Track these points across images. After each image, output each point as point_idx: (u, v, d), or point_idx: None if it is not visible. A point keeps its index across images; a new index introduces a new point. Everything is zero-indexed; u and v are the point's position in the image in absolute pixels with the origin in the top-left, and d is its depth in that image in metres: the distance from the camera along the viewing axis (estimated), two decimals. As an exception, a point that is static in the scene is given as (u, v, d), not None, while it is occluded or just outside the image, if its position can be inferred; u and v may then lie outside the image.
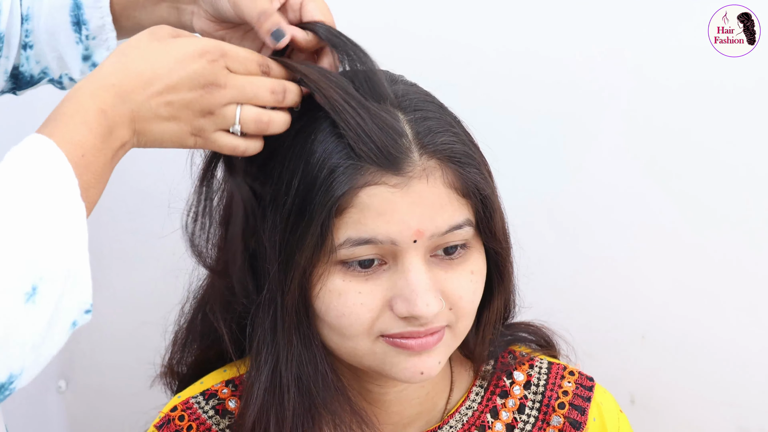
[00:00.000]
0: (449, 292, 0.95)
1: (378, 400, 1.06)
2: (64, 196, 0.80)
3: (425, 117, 0.95)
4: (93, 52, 1.09)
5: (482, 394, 1.09)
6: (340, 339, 0.97)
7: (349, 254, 0.93)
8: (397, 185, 0.92)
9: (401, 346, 0.95)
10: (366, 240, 0.92)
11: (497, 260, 1.01)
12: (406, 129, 0.94)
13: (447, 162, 0.94)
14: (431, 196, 0.93)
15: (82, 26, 1.08)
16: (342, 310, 0.94)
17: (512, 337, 1.12)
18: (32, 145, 0.81)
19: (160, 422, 1.07)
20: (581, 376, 1.11)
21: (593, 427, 1.08)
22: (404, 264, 0.93)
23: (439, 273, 0.95)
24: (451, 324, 0.97)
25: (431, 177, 0.93)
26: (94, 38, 1.09)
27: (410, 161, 0.92)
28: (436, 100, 1.01)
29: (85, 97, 0.85)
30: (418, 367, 0.96)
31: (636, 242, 1.47)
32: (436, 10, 1.46)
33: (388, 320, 0.94)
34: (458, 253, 0.96)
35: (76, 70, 1.11)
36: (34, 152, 0.81)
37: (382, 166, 0.92)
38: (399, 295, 0.93)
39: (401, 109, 0.95)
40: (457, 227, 0.94)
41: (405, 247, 0.93)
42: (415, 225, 0.92)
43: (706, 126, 1.41)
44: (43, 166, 0.80)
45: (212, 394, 1.08)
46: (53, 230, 0.79)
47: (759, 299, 1.44)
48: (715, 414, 1.48)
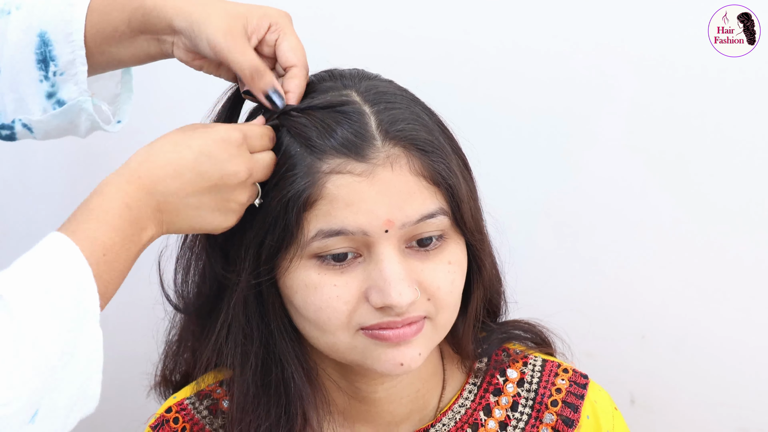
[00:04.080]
0: (426, 282, 0.96)
1: (368, 399, 1.06)
2: (82, 323, 0.81)
3: (390, 107, 0.97)
4: (59, 88, 1.06)
5: (475, 392, 1.10)
6: (319, 334, 0.97)
7: (322, 246, 0.94)
8: (362, 173, 0.93)
9: (379, 338, 0.96)
10: (336, 231, 0.93)
11: (472, 252, 1.02)
12: (370, 119, 0.96)
13: (411, 149, 0.95)
14: (398, 185, 0.94)
15: (49, 63, 1.04)
16: (319, 304, 0.95)
17: (506, 335, 1.12)
18: (53, 249, 0.82)
19: (156, 423, 1.09)
20: (575, 373, 1.11)
21: (587, 424, 1.07)
22: (377, 254, 0.94)
23: (415, 264, 0.96)
24: (430, 316, 0.97)
25: (396, 164, 0.94)
26: (62, 74, 1.05)
27: (374, 148, 0.94)
28: (408, 93, 1.02)
29: (111, 192, 0.87)
30: (398, 359, 0.96)
31: (636, 242, 1.47)
32: (433, 9, 1.46)
33: (365, 312, 0.95)
34: (434, 244, 0.97)
35: (38, 110, 1.07)
36: (55, 258, 0.81)
37: (345, 153, 0.93)
38: (373, 285, 0.94)
39: (367, 102, 0.97)
40: (429, 216, 0.95)
41: (377, 237, 0.94)
42: (384, 214, 0.93)
43: (706, 126, 1.41)
44: (63, 278, 0.80)
45: (206, 394, 1.09)
46: (68, 362, 0.80)
47: (759, 299, 1.43)
48: (715, 414, 1.47)
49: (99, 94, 1.09)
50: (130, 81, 1.13)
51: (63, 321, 0.80)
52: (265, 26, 1.00)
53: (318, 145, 0.95)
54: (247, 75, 0.97)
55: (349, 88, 1.00)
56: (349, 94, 0.99)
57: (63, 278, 0.81)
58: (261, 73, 0.97)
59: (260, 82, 0.97)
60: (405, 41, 1.46)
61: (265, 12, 1.01)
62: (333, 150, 0.94)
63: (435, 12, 1.46)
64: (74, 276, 0.81)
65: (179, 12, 0.99)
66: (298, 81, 0.99)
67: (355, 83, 1.00)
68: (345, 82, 1.01)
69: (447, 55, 1.46)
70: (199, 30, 0.97)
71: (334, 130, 0.95)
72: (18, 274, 0.80)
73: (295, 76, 0.99)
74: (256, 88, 0.98)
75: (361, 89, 0.99)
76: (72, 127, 1.09)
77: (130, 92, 1.14)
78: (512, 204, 1.46)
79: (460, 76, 1.46)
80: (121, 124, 1.12)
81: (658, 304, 1.47)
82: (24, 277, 0.80)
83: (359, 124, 0.95)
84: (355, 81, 1.01)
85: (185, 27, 0.98)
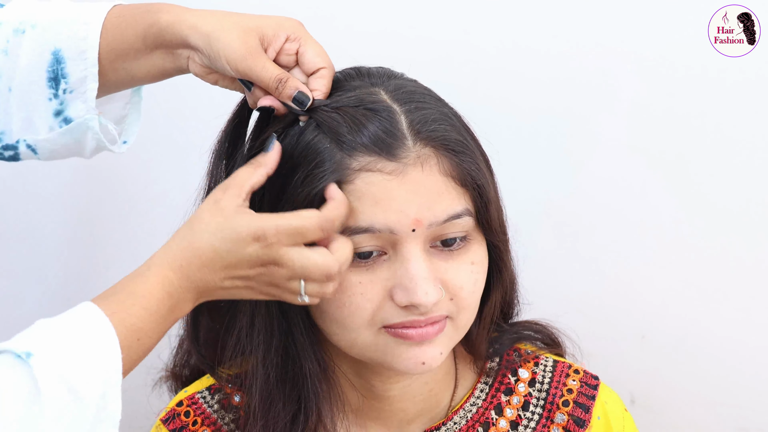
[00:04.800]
0: (449, 282, 0.96)
1: (381, 396, 1.06)
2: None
3: (421, 107, 0.97)
4: (67, 106, 1.06)
5: (487, 391, 1.10)
6: (341, 331, 0.97)
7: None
8: (392, 172, 0.93)
9: (402, 336, 0.96)
10: (364, 228, 0.93)
11: (495, 253, 1.02)
12: (401, 118, 0.95)
13: (442, 150, 0.95)
14: (428, 184, 0.94)
15: (60, 81, 1.04)
16: (342, 301, 0.95)
17: (518, 335, 1.12)
18: (91, 332, 0.84)
19: (167, 416, 1.09)
20: (586, 374, 1.11)
21: (597, 425, 1.08)
22: (403, 253, 0.94)
23: (439, 263, 0.96)
24: (452, 315, 0.98)
25: (426, 165, 0.94)
26: (71, 92, 1.05)
27: (405, 148, 0.94)
28: (434, 93, 1.02)
29: (154, 278, 0.89)
30: (420, 358, 0.97)
31: (636, 242, 1.47)
32: (435, 9, 1.46)
33: (389, 310, 0.95)
34: (458, 244, 0.97)
35: (44, 129, 1.07)
36: (91, 345, 0.84)
37: (376, 151, 0.93)
38: (399, 284, 0.94)
39: (396, 101, 0.97)
40: (456, 216, 0.95)
41: (403, 236, 0.94)
42: (413, 214, 0.93)
43: (706, 126, 1.41)
44: (92, 375, 0.83)
45: (218, 388, 1.09)
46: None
47: (759, 299, 1.44)
48: (715, 414, 1.48)
49: (107, 115, 1.10)
50: (139, 102, 1.13)
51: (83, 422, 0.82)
52: (282, 37, 1.00)
53: (348, 141, 0.94)
54: (272, 87, 0.98)
55: (377, 86, 0.99)
56: (377, 92, 0.98)
57: (92, 375, 0.83)
58: (284, 80, 0.97)
59: (286, 89, 0.97)
60: (405, 41, 1.46)
61: (279, 23, 1.01)
62: (363, 147, 0.94)
63: (435, 13, 1.46)
64: (102, 375, 0.83)
65: (194, 30, 0.99)
66: (325, 80, 0.99)
67: (383, 81, 1.00)
68: (373, 80, 1.01)
69: (447, 56, 1.46)
70: (217, 48, 0.98)
71: (366, 126, 0.94)
72: (53, 353, 0.82)
73: (323, 76, 0.99)
74: (284, 95, 0.98)
75: (390, 88, 0.99)
76: (78, 147, 1.09)
77: (138, 114, 1.14)
78: (512, 204, 1.45)
79: (460, 76, 1.46)
80: (127, 145, 1.12)
81: (658, 304, 1.48)
82: (58, 359, 0.82)
83: (390, 122, 0.95)
84: (383, 79, 1.01)
85: (202, 45, 0.99)
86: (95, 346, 0.84)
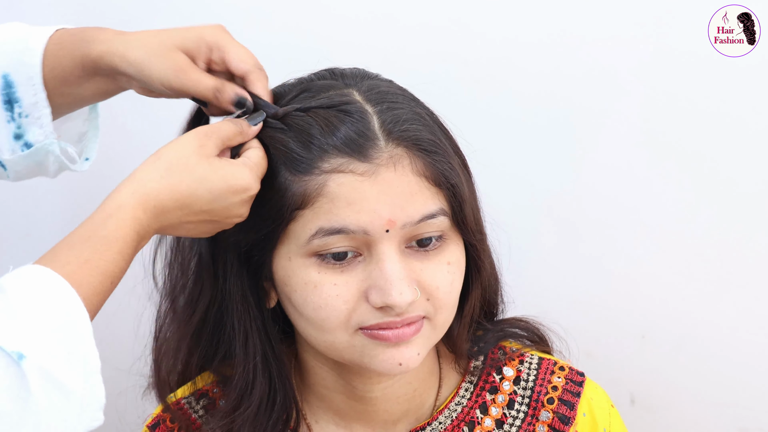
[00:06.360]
0: (425, 282, 0.96)
1: (364, 398, 1.06)
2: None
3: (393, 107, 0.97)
4: (26, 130, 1.06)
5: (472, 390, 1.10)
6: (318, 333, 0.98)
7: (322, 244, 0.94)
8: (364, 173, 0.93)
9: (378, 338, 0.96)
10: (337, 229, 0.93)
11: (472, 252, 1.02)
12: (373, 119, 0.96)
13: (414, 150, 0.95)
14: (401, 185, 0.94)
15: (14, 104, 1.05)
16: (318, 303, 0.95)
17: (503, 333, 1.12)
18: (58, 300, 0.83)
19: (153, 422, 1.10)
20: (572, 371, 1.11)
21: (583, 422, 1.07)
22: (378, 254, 0.94)
23: (415, 264, 0.96)
24: (429, 315, 0.98)
25: (399, 165, 0.94)
26: (27, 116, 1.05)
27: (377, 148, 0.94)
28: (408, 93, 1.03)
29: (125, 220, 0.89)
30: (397, 359, 0.97)
31: (636, 241, 1.47)
32: (435, 2, 1.46)
33: (365, 312, 0.95)
34: (434, 244, 0.97)
35: (6, 150, 1.07)
36: (60, 313, 0.82)
37: (347, 153, 0.93)
38: (373, 285, 0.94)
39: (369, 102, 0.97)
40: (430, 216, 0.95)
41: (378, 237, 0.94)
42: (387, 214, 0.93)
43: (706, 127, 1.41)
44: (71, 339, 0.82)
45: (203, 393, 1.10)
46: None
47: (760, 299, 1.43)
48: (715, 414, 1.47)
49: (65, 135, 1.10)
50: (96, 119, 1.14)
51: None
52: (203, 48, 1.01)
53: (320, 144, 0.95)
54: (211, 98, 0.99)
55: (350, 87, 1.00)
56: (350, 93, 0.99)
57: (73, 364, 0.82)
58: (221, 89, 0.98)
59: (224, 97, 0.98)
60: (406, 33, 1.47)
61: (198, 34, 1.01)
62: (335, 149, 0.94)
63: (437, 4, 1.46)
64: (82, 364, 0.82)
65: (123, 59, 1.00)
66: (260, 84, 1.00)
67: (356, 82, 1.01)
68: (346, 81, 1.01)
69: (449, 49, 1.46)
70: (149, 74, 0.99)
71: (337, 128, 0.95)
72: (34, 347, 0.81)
73: (256, 80, 1.00)
74: (224, 103, 0.99)
75: (363, 89, 0.99)
76: (41, 169, 1.10)
77: (97, 130, 1.14)
78: (514, 201, 1.47)
79: (462, 71, 1.46)
80: (89, 162, 1.12)
81: (659, 304, 1.47)
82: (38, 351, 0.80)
83: (362, 123, 0.95)
84: (357, 80, 1.01)
85: (134, 73, 1.00)
86: (68, 329, 0.82)
